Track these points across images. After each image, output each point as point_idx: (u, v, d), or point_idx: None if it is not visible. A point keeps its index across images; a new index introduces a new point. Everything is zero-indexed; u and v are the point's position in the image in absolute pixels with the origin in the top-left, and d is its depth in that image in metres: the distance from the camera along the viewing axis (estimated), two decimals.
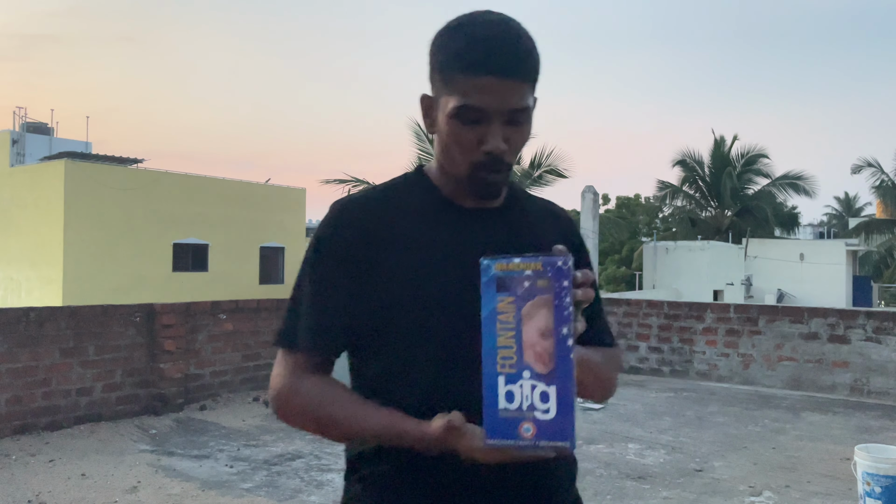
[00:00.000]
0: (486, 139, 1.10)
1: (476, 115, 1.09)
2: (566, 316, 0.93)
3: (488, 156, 1.11)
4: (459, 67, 1.08)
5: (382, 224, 1.16)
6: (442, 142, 1.16)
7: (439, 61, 1.12)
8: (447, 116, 1.11)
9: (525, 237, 1.21)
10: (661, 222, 37.03)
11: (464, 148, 1.12)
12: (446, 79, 1.11)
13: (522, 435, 0.94)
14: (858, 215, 43.03)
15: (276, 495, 4.43)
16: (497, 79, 1.07)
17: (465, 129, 1.10)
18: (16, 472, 4.82)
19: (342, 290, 1.14)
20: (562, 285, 0.94)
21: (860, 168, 29.49)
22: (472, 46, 1.07)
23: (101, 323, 6.21)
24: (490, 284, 0.94)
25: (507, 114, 1.09)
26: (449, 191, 1.20)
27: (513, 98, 1.08)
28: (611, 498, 4.43)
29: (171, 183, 22.72)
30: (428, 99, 1.18)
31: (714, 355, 8.63)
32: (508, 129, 1.11)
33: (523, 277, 0.94)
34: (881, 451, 4.04)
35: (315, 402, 1.13)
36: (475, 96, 1.07)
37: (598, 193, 20.05)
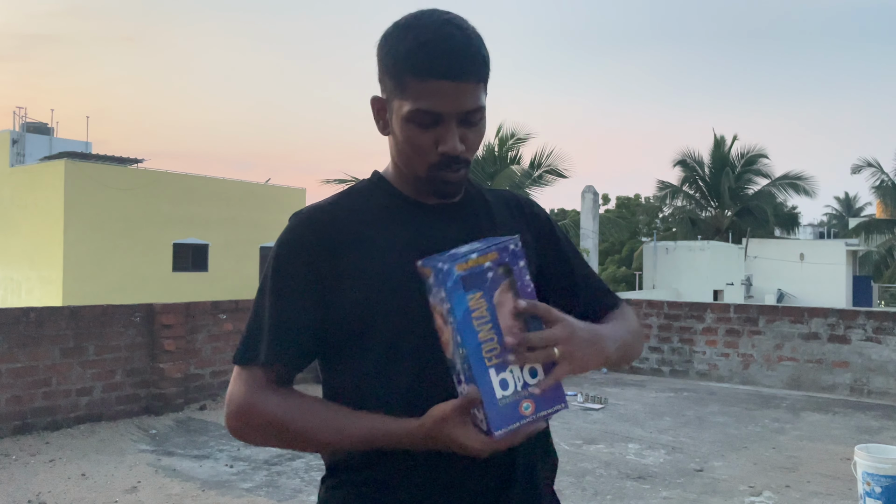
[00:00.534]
0: (442, 140, 1.10)
1: (431, 119, 1.09)
2: (530, 292, 0.99)
3: (445, 157, 1.11)
4: (411, 71, 1.07)
5: (343, 230, 1.15)
6: (397, 144, 1.15)
7: (389, 64, 1.11)
8: (402, 120, 1.11)
9: (487, 229, 1.21)
10: (661, 222, 37.02)
11: (420, 151, 1.12)
12: (398, 83, 1.10)
13: (524, 413, 0.98)
14: (858, 215, 43.05)
15: (276, 495, 4.43)
16: (450, 82, 1.07)
17: (421, 133, 1.10)
18: (16, 472, 4.82)
19: (303, 302, 1.12)
20: (519, 266, 0.98)
21: (860, 168, 29.49)
22: (423, 50, 1.07)
23: (101, 323, 6.21)
24: (456, 287, 0.95)
25: (461, 115, 1.09)
26: (408, 190, 1.20)
27: (467, 100, 1.09)
28: (611, 498, 4.43)
29: (171, 183, 22.73)
30: (379, 101, 1.17)
31: (714, 355, 8.63)
32: (463, 130, 1.11)
33: (485, 270, 0.96)
34: (881, 451, 4.04)
35: (282, 415, 1.09)
36: (429, 100, 1.07)
37: (598, 193, 20.09)
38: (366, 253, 1.13)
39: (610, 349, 1.08)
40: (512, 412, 0.97)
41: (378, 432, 1.06)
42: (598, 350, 1.04)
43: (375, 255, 1.13)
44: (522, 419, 0.98)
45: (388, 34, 1.12)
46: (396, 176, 1.21)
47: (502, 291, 0.97)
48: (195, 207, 23.00)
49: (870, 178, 29.66)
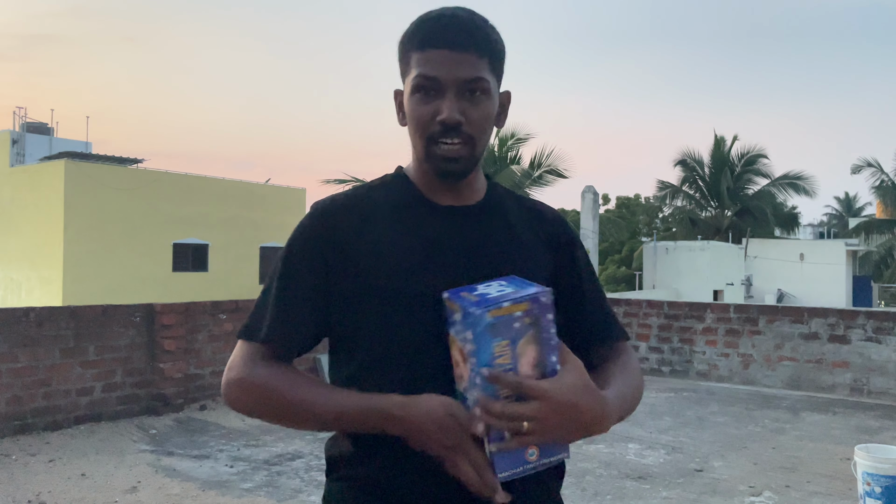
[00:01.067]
0: (440, 110, 1.12)
1: (431, 87, 1.12)
2: (553, 345, 0.99)
3: (443, 125, 1.12)
4: (414, 46, 1.14)
5: (357, 223, 1.17)
6: (408, 128, 1.18)
7: (400, 50, 1.18)
8: (408, 94, 1.15)
9: (500, 236, 1.21)
10: (661, 222, 37.04)
11: (421, 121, 1.14)
12: (406, 61, 1.16)
13: (528, 460, 1.00)
14: (858, 215, 43.04)
15: (276, 495, 4.43)
16: (449, 51, 1.11)
17: (422, 104, 1.13)
18: (16, 472, 4.82)
19: (309, 287, 1.16)
20: (547, 319, 0.98)
21: (860, 168, 29.48)
22: (426, 24, 1.14)
23: (101, 323, 6.21)
24: (485, 333, 0.95)
25: (460, 84, 1.12)
26: (425, 188, 1.21)
27: (465, 69, 1.12)
28: (611, 498, 4.43)
29: (171, 183, 22.72)
30: (399, 94, 1.22)
31: (714, 355, 8.63)
32: (464, 102, 1.13)
33: (514, 319, 0.97)
34: (881, 451, 4.04)
35: (274, 385, 1.12)
36: (427, 67, 1.12)
37: (598, 193, 20.07)
38: (369, 249, 1.15)
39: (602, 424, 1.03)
40: (518, 457, 0.99)
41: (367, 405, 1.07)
42: (581, 428, 1.00)
43: (378, 252, 1.14)
44: (526, 465, 0.99)
45: (405, 30, 1.18)
46: (415, 171, 1.23)
47: (526, 342, 0.97)
48: (195, 207, 22.99)
49: (870, 178, 29.68)
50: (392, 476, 1.12)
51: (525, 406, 0.96)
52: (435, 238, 1.16)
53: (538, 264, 1.23)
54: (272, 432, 5.91)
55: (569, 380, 0.99)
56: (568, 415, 0.97)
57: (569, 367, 1.00)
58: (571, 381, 0.99)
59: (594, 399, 1.00)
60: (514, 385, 0.96)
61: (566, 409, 0.97)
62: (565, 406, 0.97)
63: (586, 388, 1.00)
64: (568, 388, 0.98)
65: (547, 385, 0.96)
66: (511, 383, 0.96)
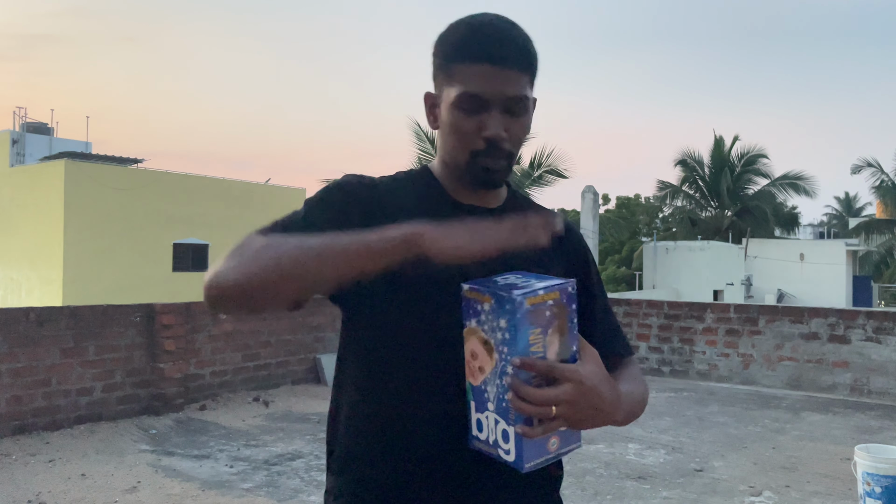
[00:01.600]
0: (485, 126, 1.12)
1: (476, 103, 1.12)
2: (575, 335, 1.01)
3: (487, 142, 1.13)
4: (460, 58, 1.12)
5: (381, 207, 1.17)
6: (444, 134, 1.18)
7: (441, 56, 1.16)
8: (450, 106, 1.14)
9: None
10: (661, 222, 37.04)
11: (464, 136, 1.14)
12: (448, 71, 1.14)
13: (550, 450, 1.01)
14: (858, 215, 43.03)
15: (276, 495, 4.43)
16: (495, 67, 1.10)
17: (466, 118, 1.13)
18: (16, 472, 4.82)
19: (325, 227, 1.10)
20: (572, 309, 1.00)
21: (860, 168, 29.51)
22: (472, 37, 1.12)
23: (101, 323, 6.21)
24: (524, 319, 0.96)
25: (505, 102, 1.12)
26: (449, 187, 1.22)
27: (510, 86, 1.12)
28: (611, 498, 4.43)
29: (171, 183, 22.73)
30: (431, 96, 1.21)
31: (714, 355, 8.63)
32: (507, 119, 1.13)
33: (546, 308, 0.98)
34: (881, 451, 4.04)
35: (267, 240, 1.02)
36: (475, 83, 1.11)
37: (598, 193, 20.06)
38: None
39: (616, 414, 1.04)
40: (541, 447, 1.00)
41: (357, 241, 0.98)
42: (601, 415, 1.01)
43: None
44: (548, 455, 1.01)
45: (443, 32, 1.18)
46: (441, 171, 1.23)
47: (554, 330, 0.99)
48: (195, 207, 23.00)
49: (870, 178, 29.71)
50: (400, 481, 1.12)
51: (556, 389, 0.96)
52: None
53: (553, 272, 1.23)
54: (272, 432, 5.91)
55: (591, 366, 1.01)
56: (592, 400, 0.99)
57: (587, 355, 1.02)
58: (592, 368, 1.01)
59: (611, 387, 1.03)
60: (547, 369, 0.96)
61: (591, 393, 0.98)
62: (591, 390, 0.98)
63: (604, 375, 1.02)
64: (592, 373, 1.00)
65: (576, 368, 0.98)
66: (544, 368, 0.96)
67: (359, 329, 1.18)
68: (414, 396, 1.12)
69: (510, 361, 0.96)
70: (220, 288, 1.00)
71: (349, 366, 1.20)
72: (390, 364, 1.14)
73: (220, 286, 1.00)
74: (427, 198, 1.21)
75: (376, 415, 1.14)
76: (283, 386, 7.71)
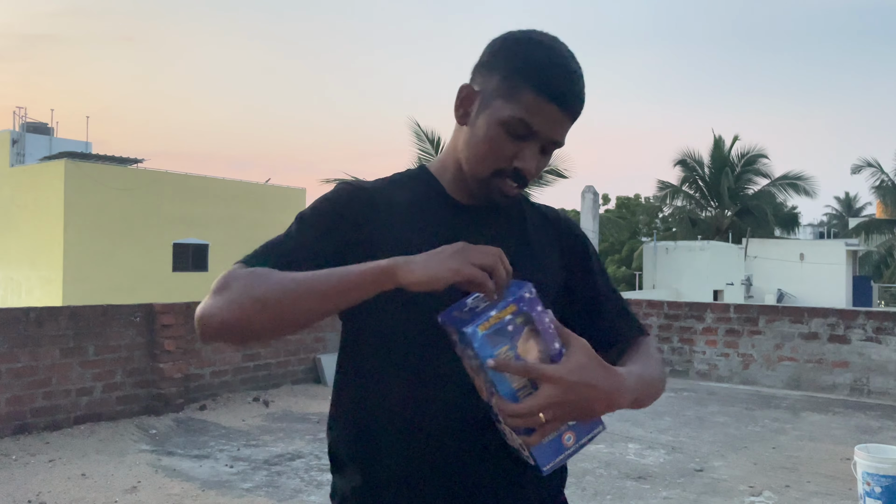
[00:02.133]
0: (521, 156, 1.12)
1: (524, 133, 1.11)
2: (552, 333, 1.00)
3: (515, 171, 1.13)
4: (532, 84, 1.09)
5: (378, 212, 1.17)
6: (474, 139, 1.15)
7: (511, 67, 1.11)
8: (496, 120, 1.12)
9: (516, 238, 1.22)
10: (661, 222, 37.03)
11: (497, 155, 1.13)
12: (511, 86, 1.11)
13: (566, 445, 1.01)
14: (858, 215, 43.04)
15: (276, 495, 4.43)
16: (560, 110, 1.10)
17: (508, 141, 1.12)
18: (16, 472, 4.82)
19: (314, 246, 1.13)
20: (537, 311, 1.00)
21: (860, 168, 29.50)
22: (553, 70, 1.10)
23: (101, 323, 6.21)
24: (483, 346, 0.97)
25: (548, 142, 1.13)
26: (448, 186, 1.21)
27: (561, 132, 1.12)
28: (611, 498, 4.43)
29: (171, 183, 22.74)
30: (470, 90, 1.17)
31: (714, 355, 8.63)
32: (541, 155, 1.14)
33: (506, 324, 0.98)
34: (881, 451, 4.04)
35: (260, 273, 1.04)
36: (536, 117, 1.09)
37: (598, 193, 20.06)
38: (389, 239, 1.15)
39: (620, 399, 1.01)
40: (555, 447, 1.00)
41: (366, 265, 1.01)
42: (599, 405, 0.99)
43: (398, 243, 1.14)
44: (566, 450, 1.01)
45: (520, 40, 1.13)
46: (442, 171, 1.23)
47: (525, 339, 0.99)
48: (195, 207, 23.01)
49: (870, 178, 29.70)
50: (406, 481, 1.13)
51: (536, 397, 0.95)
52: (452, 234, 1.16)
53: (551, 268, 1.24)
54: (272, 432, 5.91)
55: (575, 359, 0.99)
56: (582, 394, 0.97)
57: (573, 348, 1.00)
58: (577, 361, 0.98)
59: (605, 373, 1.00)
60: (522, 370, 0.96)
61: (578, 388, 0.97)
62: (577, 385, 0.97)
63: (594, 364, 1.00)
64: (575, 368, 0.98)
65: (553, 368, 0.97)
66: (518, 369, 0.96)
67: (357, 330, 1.18)
68: (416, 396, 1.12)
69: (493, 381, 0.97)
70: (209, 327, 1.04)
71: (349, 367, 1.20)
72: (390, 364, 1.14)
73: (209, 325, 1.04)
74: (426, 198, 1.21)
75: (378, 415, 1.14)
76: (283, 386, 7.71)
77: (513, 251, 1.20)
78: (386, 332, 1.14)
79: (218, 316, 1.02)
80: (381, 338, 1.15)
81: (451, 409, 1.09)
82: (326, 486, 4.58)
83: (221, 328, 1.03)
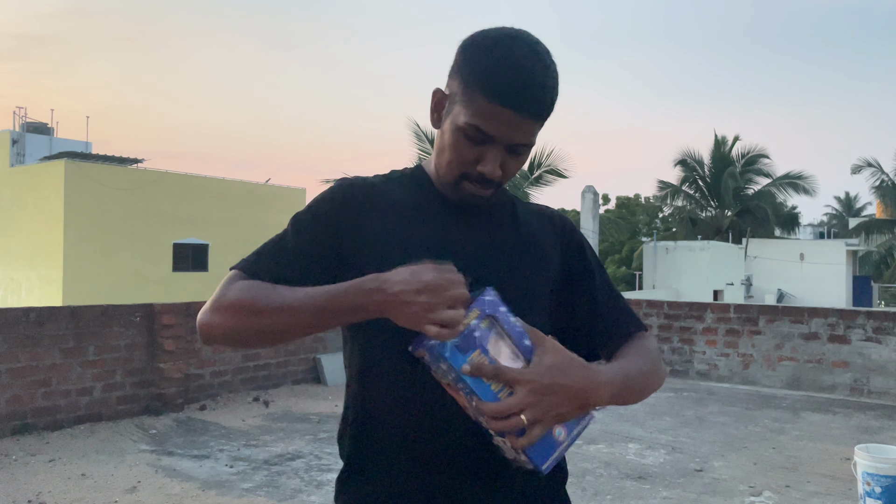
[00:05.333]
0: (484, 161, 1.11)
1: (482, 138, 1.10)
2: (520, 331, 1.01)
3: (480, 175, 1.13)
4: (482, 89, 1.08)
5: (374, 210, 1.18)
6: (441, 144, 1.17)
7: (466, 72, 1.11)
8: (455, 126, 1.12)
9: (510, 233, 1.23)
10: (661, 222, 37.05)
11: (460, 160, 1.13)
12: (466, 92, 1.10)
13: (558, 440, 1.02)
14: (858, 215, 43.05)
15: (276, 495, 4.43)
16: (514, 114, 1.08)
17: (468, 146, 1.12)
18: (16, 472, 4.83)
19: (310, 246, 1.15)
20: (501, 312, 1.01)
21: (860, 168, 29.51)
22: (502, 74, 1.07)
23: (101, 323, 6.21)
24: (454, 354, 0.97)
25: (511, 145, 1.11)
26: (441, 185, 1.22)
27: (522, 134, 1.11)
28: (611, 498, 4.43)
29: (171, 183, 22.73)
30: (442, 95, 1.18)
31: (714, 355, 8.63)
32: (507, 157, 1.13)
33: (472, 329, 0.98)
34: (881, 451, 4.04)
35: (249, 293, 1.08)
36: (488, 123, 1.08)
37: (598, 193, 20.07)
38: (385, 237, 1.16)
39: (598, 395, 1.02)
40: (548, 445, 1.01)
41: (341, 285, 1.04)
42: (578, 401, 1.00)
43: (393, 240, 1.15)
44: (559, 445, 1.02)
45: (476, 43, 1.12)
46: (435, 170, 1.23)
47: (494, 342, 0.99)
48: (195, 207, 23.00)
49: (870, 178, 29.71)
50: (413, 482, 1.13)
51: (513, 399, 0.96)
52: (446, 231, 1.18)
53: (546, 262, 1.24)
54: (272, 432, 5.91)
55: (546, 360, 0.99)
56: (557, 394, 0.98)
57: (542, 348, 1.01)
58: (549, 361, 0.99)
59: (577, 371, 1.01)
60: (494, 373, 0.97)
61: (552, 388, 0.98)
62: (550, 385, 0.98)
63: (565, 362, 1.01)
64: (547, 369, 0.99)
65: (524, 372, 0.98)
66: (491, 372, 0.97)
67: (357, 339, 1.19)
68: (402, 396, 1.12)
69: (472, 391, 0.97)
70: (209, 335, 1.12)
71: (353, 369, 1.21)
72: (388, 368, 1.14)
73: (209, 335, 1.11)
74: (419, 196, 1.22)
75: (381, 419, 1.14)
76: (283, 386, 7.72)
77: (510, 242, 1.21)
78: (382, 337, 1.14)
79: (219, 331, 1.10)
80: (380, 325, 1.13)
81: (454, 409, 1.09)
82: (326, 486, 4.59)
83: (222, 339, 1.11)
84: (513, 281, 1.17)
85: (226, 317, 1.08)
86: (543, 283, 1.21)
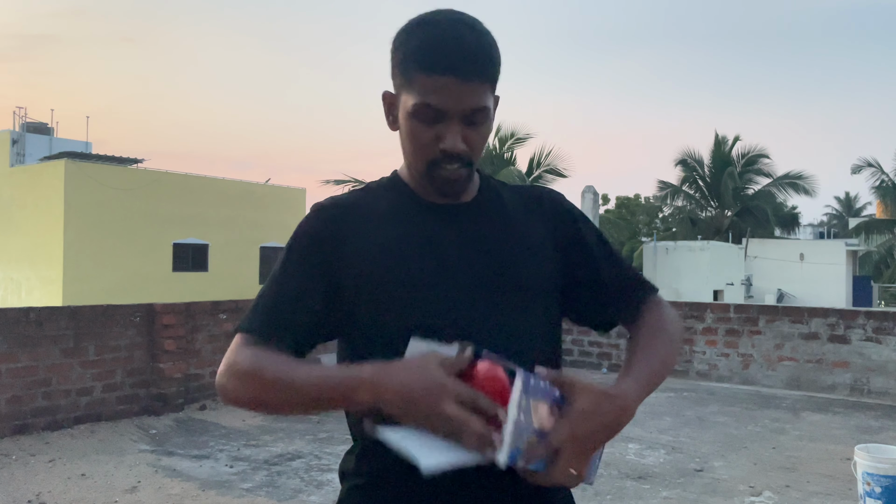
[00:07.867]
0: (443, 137, 1.11)
1: (434, 115, 1.10)
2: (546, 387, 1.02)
3: (445, 153, 1.12)
4: (419, 67, 1.09)
5: (357, 224, 1.17)
6: (402, 139, 1.17)
7: (399, 59, 1.13)
8: (407, 114, 1.12)
9: (496, 230, 1.21)
10: (661, 222, 37.04)
11: (421, 145, 1.13)
12: (406, 77, 1.11)
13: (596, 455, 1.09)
14: (858, 215, 43.04)
15: (276, 495, 4.43)
16: (457, 79, 1.08)
17: (423, 128, 1.11)
18: (16, 472, 4.83)
19: (306, 284, 1.15)
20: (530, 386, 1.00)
21: (860, 168, 29.52)
22: (433, 46, 1.08)
23: (101, 323, 6.21)
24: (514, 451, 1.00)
25: (465, 114, 1.10)
26: (419, 189, 1.20)
27: (472, 99, 1.09)
28: (611, 498, 4.43)
29: (171, 183, 22.73)
30: (390, 96, 1.18)
31: (714, 355, 8.63)
32: (467, 129, 1.12)
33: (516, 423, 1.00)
34: (881, 451, 4.04)
35: (256, 366, 1.09)
36: (434, 96, 1.08)
37: (598, 193, 20.07)
38: (372, 249, 1.15)
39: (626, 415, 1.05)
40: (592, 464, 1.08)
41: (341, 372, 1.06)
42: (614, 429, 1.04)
43: (380, 251, 1.15)
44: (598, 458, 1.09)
45: (402, 30, 1.14)
46: (408, 173, 1.22)
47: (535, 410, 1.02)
48: (195, 207, 23.00)
49: (870, 178, 29.72)
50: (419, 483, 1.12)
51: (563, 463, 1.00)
52: (431, 235, 1.17)
53: (539, 251, 1.22)
54: (272, 432, 5.91)
55: (577, 407, 1.02)
56: (595, 434, 1.02)
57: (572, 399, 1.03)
58: (580, 407, 1.02)
59: (608, 405, 1.03)
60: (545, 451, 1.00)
61: (590, 434, 1.02)
62: (588, 434, 1.02)
63: (595, 402, 1.02)
64: (579, 419, 1.01)
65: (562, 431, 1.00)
66: (543, 453, 1.00)
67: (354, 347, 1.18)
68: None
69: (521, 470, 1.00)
70: (227, 400, 1.16)
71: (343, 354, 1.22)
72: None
73: (227, 399, 1.15)
74: (399, 202, 1.20)
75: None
76: None
77: (497, 240, 1.19)
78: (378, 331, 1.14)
79: (234, 401, 1.15)
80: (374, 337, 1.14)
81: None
82: (326, 486, 4.59)
83: (239, 407, 1.17)
84: (504, 277, 1.16)
85: (238, 388, 1.12)
86: (537, 275, 1.19)
